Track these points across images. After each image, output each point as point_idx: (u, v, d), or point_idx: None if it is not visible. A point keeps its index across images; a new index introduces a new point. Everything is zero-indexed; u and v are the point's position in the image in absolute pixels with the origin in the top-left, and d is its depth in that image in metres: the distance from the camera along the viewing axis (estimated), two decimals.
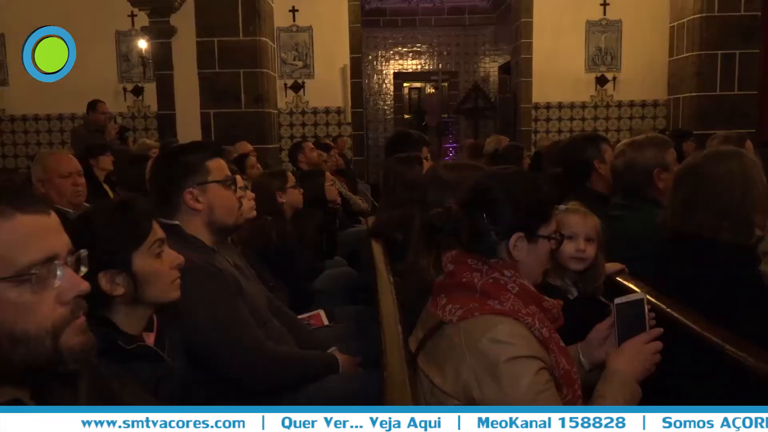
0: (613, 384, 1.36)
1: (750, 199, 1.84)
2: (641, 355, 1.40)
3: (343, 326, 2.56)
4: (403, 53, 12.44)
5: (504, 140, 5.71)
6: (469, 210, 1.42)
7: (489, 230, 1.38)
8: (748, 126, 6.99)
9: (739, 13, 6.94)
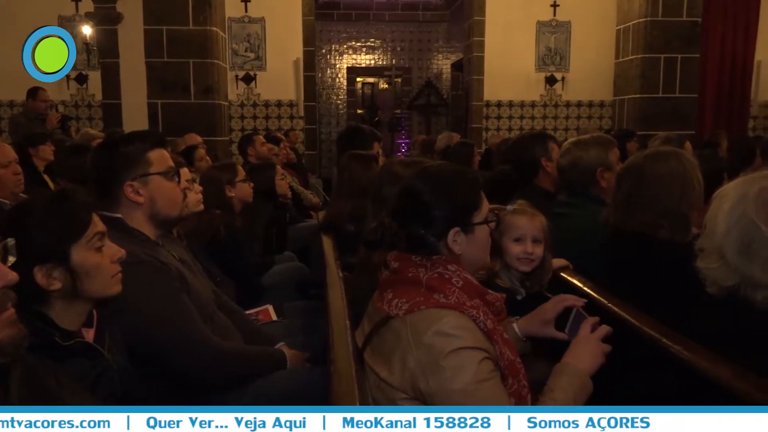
0: (564, 377, 1.42)
1: (687, 197, 1.92)
2: (591, 350, 1.46)
3: (292, 321, 2.55)
4: (356, 48, 12.40)
5: (455, 137, 5.76)
6: (401, 220, 1.44)
7: (426, 234, 1.40)
8: (688, 127, 7.27)
9: (682, 18, 7.19)
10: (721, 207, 1.44)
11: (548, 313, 1.63)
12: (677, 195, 1.89)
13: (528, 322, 1.67)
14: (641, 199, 1.92)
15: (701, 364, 1.40)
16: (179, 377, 1.69)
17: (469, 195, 1.45)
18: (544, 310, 1.65)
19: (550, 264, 1.92)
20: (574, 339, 1.52)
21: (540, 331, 1.64)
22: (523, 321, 1.68)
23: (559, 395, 1.39)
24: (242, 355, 1.86)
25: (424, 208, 1.41)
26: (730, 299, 1.43)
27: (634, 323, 1.69)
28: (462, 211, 1.43)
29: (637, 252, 1.91)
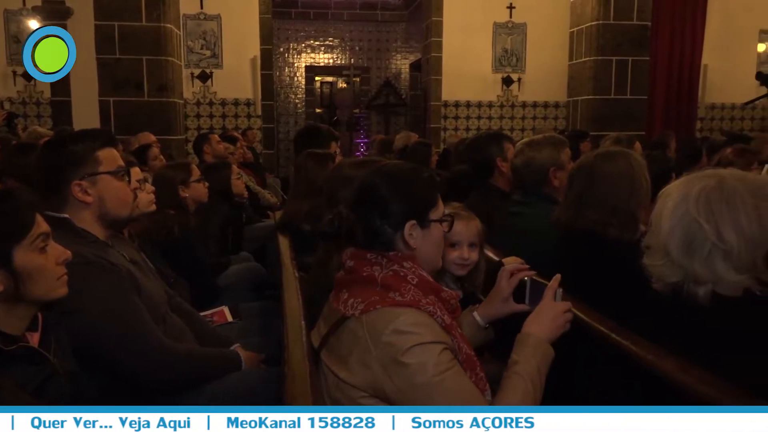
0: (527, 348, 1.44)
1: (636, 196, 1.97)
2: (552, 318, 1.50)
3: (248, 322, 2.52)
4: (315, 46, 12.34)
5: (413, 137, 5.79)
6: (359, 211, 1.44)
7: (383, 225, 1.41)
8: (638, 128, 7.47)
9: (632, 22, 7.38)
10: (666, 205, 1.48)
11: (505, 290, 1.65)
12: (626, 194, 1.94)
13: (487, 306, 1.69)
14: (591, 198, 1.96)
15: (647, 359, 1.44)
16: (129, 380, 1.66)
17: (426, 191, 1.47)
18: (499, 288, 1.66)
19: (483, 267, 1.94)
20: (534, 312, 1.54)
21: (502, 310, 1.66)
22: (482, 307, 1.69)
23: (523, 367, 1.41)
24: (194, 356, 1.84)
25: (382, 200, 1.42)
26: (674, 295, 1.47)
27: (585, 320, 1.72)
28: (419, 205, 1.44)
29: (588, 249, 1.96)
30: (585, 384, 1.65)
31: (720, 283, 1.41)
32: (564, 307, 1.53)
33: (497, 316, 1.67)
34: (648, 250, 1.54)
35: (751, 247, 1.39)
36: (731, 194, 1.40)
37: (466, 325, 1.65)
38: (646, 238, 1.57)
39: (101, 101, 6.05)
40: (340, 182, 1.93)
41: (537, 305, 1.55)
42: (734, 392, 1.22)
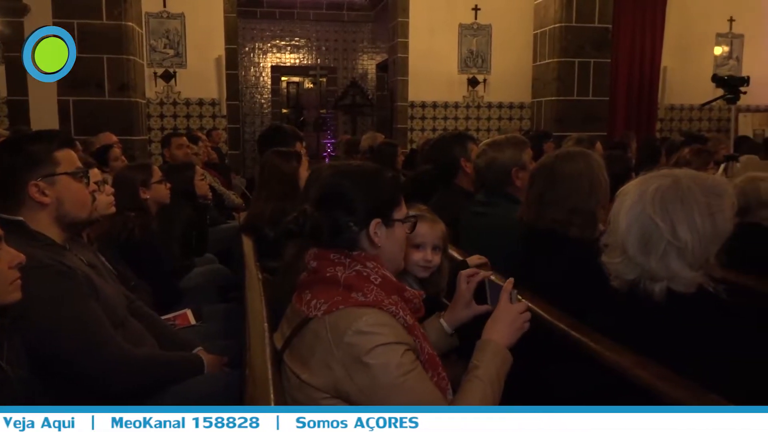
0: (487, 352, 1.46)
1: (595, 195, 2.01)
2: (509, 323, 1.51)
3: (212, 325, 2.49)
4: (281, 46, 12.25)
5: (379, 137, 5.80)
6: (324, 208, 1.44)
7: (347, 222, 1.41)
8: (600, 129, 7.61)
9: (594, 24, 7.52)
10: (623, 204, 1.51)
11: (465, 294, 1.66)
12: (585, 193, 1.98)
13: (452, 312, 1.69)
14: (552, 197, 1.99)
15: (606, 355, 1.47)
16: (86, 386, 1.62)
17: (391, 191, 1.48)
18: (460, 293, 1.68)
19: (446, 269, 1.95)
20: (492, 315, 1.55)
21: (466, 314, 1.67)
22: (447, 314, 1.70)
23: (483, 371, 1.43)
24: (154, 361, 1.80)
25: (347, 198, 1.42)
26: (631, 292, 1.50)
27: (547, 317, 1.75)
28: (384, 204, 1.45)
29: (549, 248, 1.99)
30: (545, 381, 1.67)
31: (675, 280, 1.45)
32: (520, 308, 1.54)
33: (462, 320, 1.68)
34: (606, 248, 1.57)
35: (704, 245, 1.43)
36: (685, 193, 1.44)
37: (432, 331, 1.66)
38: (604, 237, 1.60)
39: (60, 101, 5.91)
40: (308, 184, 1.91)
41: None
42: (688, 387, 1.25)
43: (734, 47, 10.05)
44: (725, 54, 10.01)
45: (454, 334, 1.70)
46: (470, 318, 1.67)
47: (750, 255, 2.15)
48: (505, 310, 1.53)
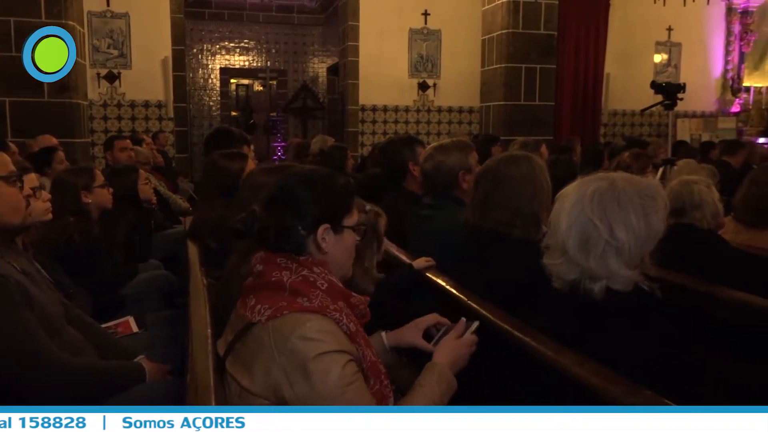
0: (434, 375, 1.47)
1: (538, 198, 2.05)
2: (457, 350, 1.54)
3: (155, 333, 2.43)
4: (230, 48, 12.08)
5: (329, 140, 5.79)
6: (273, 210, 1.42)
7: (296, 226, 1.39)
8: (546, 133, 7.79)
9: (539, 31, 7.70)
10: (563, 206, 1.54)
11: (420, 324, 1.66)
12: (528, 196, 2.02)
13: (397, 333, 1.68)
14: (496, 200, 2.03)
15: (547, 354, 1.51)
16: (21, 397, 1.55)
17: (342, 196, 1.47)
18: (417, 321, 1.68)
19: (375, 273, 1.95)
20: (443, 339, 1.57)
21: (408, 340, 1.65)
22: (393, 332, 1.69)
23: (428, 389, 1.44)
24: (92, 370, 1.74)
25: (297, 201, 1.41)
26: (572, 292, 1.54)
27: (491, 318, 1.78)
28: (334, 208, 1.44)
29: (494, 250, 2.02)
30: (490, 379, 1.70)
31: (613, 279, 1.49)
32: (473, 340, 1.57)
33: (402, 344, 1.67)
34: (548, 249, 1.61)
35: (639, 244, 1.48)
36: (621, 195, 1.49)
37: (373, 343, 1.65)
38: (545, 238, 1.64)
39: None
40: (254, 190, 1.88)
41: None
42: (623, 383, 1.29)
43: (672, 55, 10.45)
44: (664, 62, 10.40)
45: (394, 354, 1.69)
46: (408, 345, 1.66)
47: (684, 254, 2.24)
48: (461, 339, 1.56)
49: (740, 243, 2.76)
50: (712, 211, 2.38)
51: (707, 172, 3.21)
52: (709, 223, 2.39)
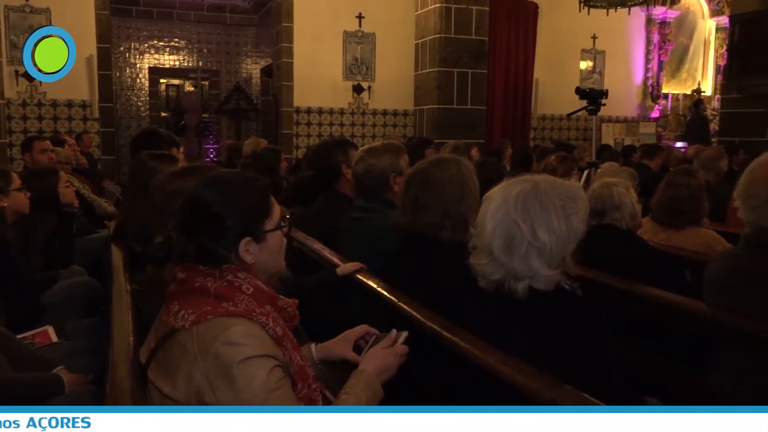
0: (361, 382, 1.46)
1: (466, 200, 2.08)
2: (385, 359, 1.53)
3: (77, 342, 2.34)
4: (159, 47, 11.74)
5: (262, 142, 5.71)
6: (189, 232, 1.38)
7: (216, 246, 1.36)
8: (478, 136, 7.95)
9: (471, 36, 7.86)
10: (489, 208, 1.58)
11: (350, 336, 1.66)
12: (457, 198, 2.05)
13: (327, 346, 1.67)
14: (426, 202, 2.05)
15: (474, 353, 1.54)
16: None
17: (260, 202, 1.43)
18: (347, 332, 1.67)
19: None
20: (372, 349, 1.57)
21: (339, 352, 1.64)
22: (322, 344, 1.68)
23: (354, 396, 1.43)
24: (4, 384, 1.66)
25: (213, 220, 1.36)
26: (497, 291, 1.58)
27: (420, 319, 1.80)
28: (253, 220, 1.40)
29: (423, 251, 2.04)
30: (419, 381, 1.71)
31: (536, 279, 1.53)
32: (403, 350, 1.57)
33: (332, 356, 1.66)
34: (474, 250, 1.64)
35: (561, 245, 1.52)
36: (544, 197, 1.53)
37: None
38: (472, 239, 1.67)
39: None
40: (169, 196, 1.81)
41: None
42: (544, 379, 1.33)
43: (597, 62, 10.89)
44: (590, 68, 10.82)
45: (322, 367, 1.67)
46: (338, 357, 1.65)
47: (604, 253, 2.34)
48: (384, 349, 1.55)
49: (658, 242, 2.90)
50: (631, 212, 2.49)
51: (627, 174, 3.35)
52: (627, 224, 2.49)
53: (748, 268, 1.87)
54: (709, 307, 1.96)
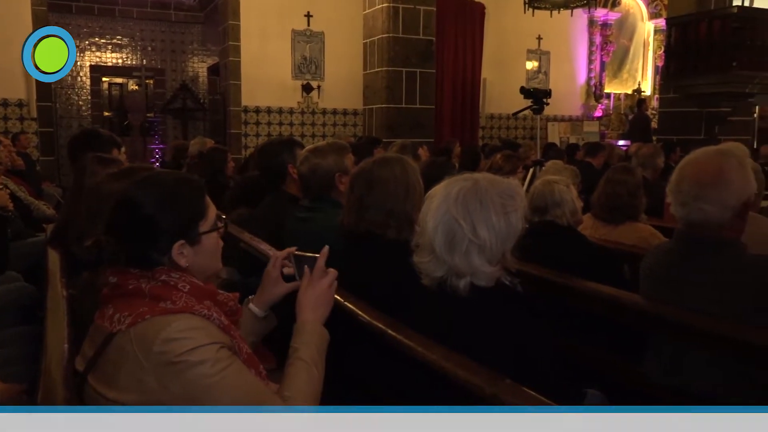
0: (305, 335, 1.47)
1: (411, 199, 2.10)
2: (317, 298, 1.53)
3: (10, 350, 2.25)
4: (101, 45, 11.38)
5: (209, 142, 5.61)
6: (120, 236, 1.35)
7: (147, 251, 1.33)
8: (428, 135, 8.02)
9: (419, 36, 7.92)
10: (430, 207, 1.60)
11: (271, 273, 1.63)
12: (401, 197, 2.06)
13: (261, 294, 1.65)
14: (370, 201, 2.06)
15: (418, 350, 1.55)
16: None
17: (194, 204, 1.40)
18: (266, 273, 1.65)
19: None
20: (299, 293, 1.54)
21: (276, 292, 1.63)
22: (256, 297, 1.66)
23: (304, 352, 1.44)
24: None
25: (145, 223, 1.33)
26: (440, 289, 1.60)
27: (365, 318, 1.80)
28: (187, 222, 1.37)
29: (369, 250, 2.05)
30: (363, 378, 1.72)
31: (477, 275, 1.56)
32: (327, 281, 1.55)
33: (273, 300, 1.64)
34: (417, 248, 1.65)
35: (500, 241, 1.55)
36: (483, 195, 1.56)
37: (245, 319, 1.61)
38: (415, 238, 1.68)
39: None
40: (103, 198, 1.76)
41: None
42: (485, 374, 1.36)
43: (542, 62, 11.15)
44: (535, 68, 11.07)
45: (269, 313, 1.66)
46: (281, 296, 1.63)
47: (546, 249, 2.39)
48: (312, 287, 1.54)
49: (598, 238, 2.99)
50: (571, 209, 2.55)
51: (570, 172, 3.44)
52: (568, 220, 2.56)
53: (679, 262, 1.94)
54: (644, 299, 2.03)
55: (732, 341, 1.73)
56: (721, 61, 6.89)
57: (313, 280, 1.55)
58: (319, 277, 1.55)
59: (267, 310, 1.65)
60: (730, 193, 1.83)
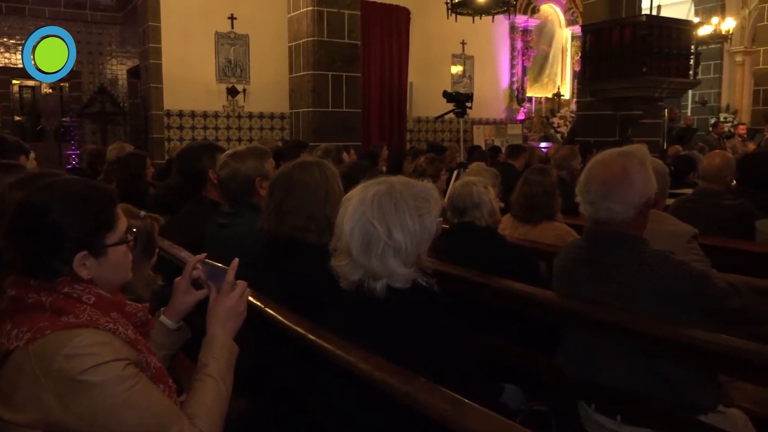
0: (214, 348, 1.45)
1: (331, 203, 2.10)
2: (230, 311, 1.51)
3: None
4: (10, 45, 10.80)
5: (127, 147, 5.43)
6: (19, 241, 1.29)
7: (48, 259, 1.28)
8: (355, 139, 8.04)
9: (344, 40, 7.93)
10: (347, 210, 1.61)
11: (180, 283, 1.61)
12: (321, 200, 2.07)
13: (172, 305, 1.62)
14: (290, 205, 2.05)
15: (336, 353, 1.55)
16: None
17: (102, 214, 1.35)
18: (176, 284, 1.62)
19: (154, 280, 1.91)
20: (209, 306, 1.53)
21: (186, 302, 1.60)
22: (167, 309, 1.62)
23: (212, 367, 1.42)
24: None
25: (47, 229, 1.27)
26: (357, 291, 1.61)
27: (285, 323, 1.79)
28: (92, 232, 1.32)
29: (289, 254, 2.04)
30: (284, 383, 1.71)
31: (393, 277, 1.58)
32: (237, 293, 1.54)
33: (185, 309, 1.61)
34: (335, 252, 1.66)
35: (415, 243, 1.58)
36: (398, 198, 1.58)
37: (157, 333, 1.58)
38: (332, 242, 1.69)
39: None
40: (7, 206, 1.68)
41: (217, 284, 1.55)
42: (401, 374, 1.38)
43: (467, 67, 11.40)
44: (460, 73, 11.31)
45: (182, 325, 1.63)
46: (192, 305, 1.61)
47: (465, 249, 2.45)
48: (222, 300, 1.52)
49: (516, 237, 3.09)
50: (489, 210, 2.62)
51: (489, 174, 3.54)
52: (486, 221, 2.63)
53: (588, 258, 2.03)
54: (556, 295, 2.11)
55: (633, 333, 1.82)
56: (632, 67, 7.24)
57: (222, 293, 1.53)
58: (229, 290, 1.54)
59: (179, 322, 1.62)
60: (634, 192, 1.93)
